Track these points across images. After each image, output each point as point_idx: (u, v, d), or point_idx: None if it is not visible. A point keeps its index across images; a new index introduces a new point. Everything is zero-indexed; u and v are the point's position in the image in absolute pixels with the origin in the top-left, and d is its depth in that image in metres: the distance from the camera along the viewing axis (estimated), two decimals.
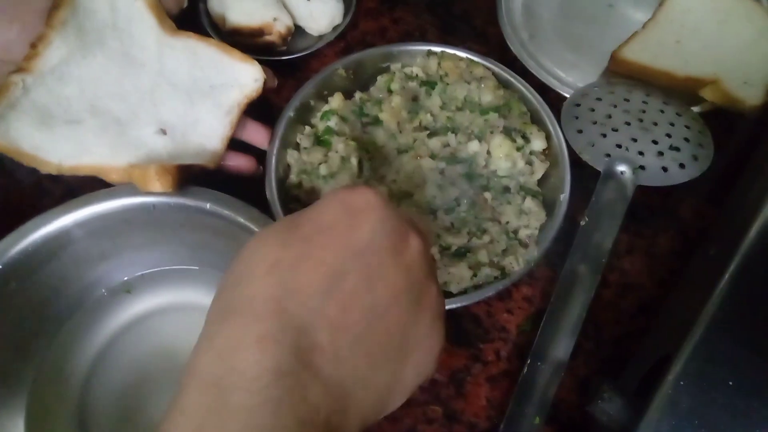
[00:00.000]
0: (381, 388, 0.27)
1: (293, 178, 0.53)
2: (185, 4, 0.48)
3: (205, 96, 0.46)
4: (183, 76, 0.46)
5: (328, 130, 0.54)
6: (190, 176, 0.44)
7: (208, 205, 0.45)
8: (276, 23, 0.59)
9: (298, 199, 0.52)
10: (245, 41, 0.59)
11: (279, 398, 0.23)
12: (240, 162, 0.49)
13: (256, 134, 0.51)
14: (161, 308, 0.50)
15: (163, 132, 0.44)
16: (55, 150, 0.41)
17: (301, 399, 0.24)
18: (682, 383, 0.35)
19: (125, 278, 0.51)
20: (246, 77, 0.47)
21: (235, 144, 0.50)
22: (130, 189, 0.45)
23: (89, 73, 0.43)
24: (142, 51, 0.45)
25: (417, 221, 0.31)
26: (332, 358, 0.25)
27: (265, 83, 0.48)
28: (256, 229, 0.45)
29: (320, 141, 0.54)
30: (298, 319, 0.25)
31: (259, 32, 0.59)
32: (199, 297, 0.50)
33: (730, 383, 0.35)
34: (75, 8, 0.42)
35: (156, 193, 0.43)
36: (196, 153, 0.45)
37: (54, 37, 0.41)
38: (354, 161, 0.52)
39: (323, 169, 0.52)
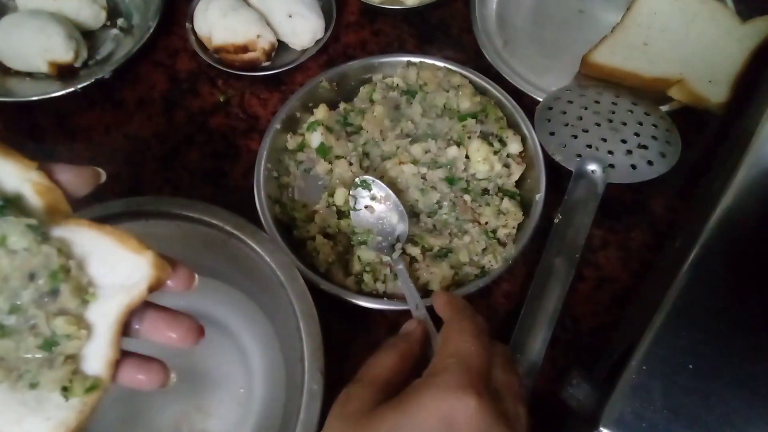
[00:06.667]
0: None
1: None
2: (102, 179, 0.34)
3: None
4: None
5: (322, 149, 0.57)
6: None
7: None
8: (260, 40, 0.62)
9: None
10: (230, 58, 0.62)
11: None
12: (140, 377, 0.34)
13: (161, 327, 0.35)
14: None
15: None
16: None
17: None
18: (644, 368, 0.37)
19: None
20: (135, 274, 0.32)
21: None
22: (122, 203, 0.48)
23: None
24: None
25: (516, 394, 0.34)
26: None
27: (160, 281, 0.32)
28: (243, 237, 0.47)
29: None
30: None
31: (243, 49, 0.61)
32: (191, 304, 0.52)
33: (690, 366, 0.37)
34: None
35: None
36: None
37: None
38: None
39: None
